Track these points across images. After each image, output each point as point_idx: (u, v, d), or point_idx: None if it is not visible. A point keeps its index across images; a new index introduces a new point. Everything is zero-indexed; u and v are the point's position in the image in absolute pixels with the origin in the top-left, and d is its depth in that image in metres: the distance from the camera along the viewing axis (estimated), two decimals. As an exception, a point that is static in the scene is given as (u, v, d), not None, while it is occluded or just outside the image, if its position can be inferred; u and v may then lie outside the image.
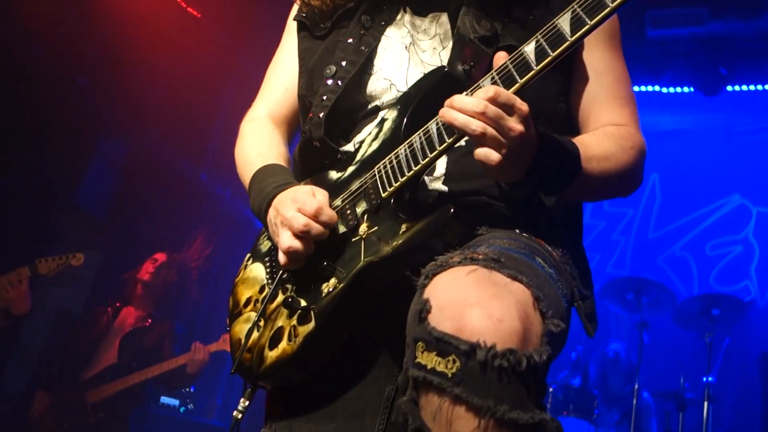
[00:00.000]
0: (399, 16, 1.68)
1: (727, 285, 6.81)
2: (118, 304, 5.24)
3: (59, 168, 5.45)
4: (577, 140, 1.45)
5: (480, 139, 1.23)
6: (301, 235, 1.42)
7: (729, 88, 6.25)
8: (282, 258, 1.46)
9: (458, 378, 1.01)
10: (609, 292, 5.62)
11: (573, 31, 1.24)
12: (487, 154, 1.24)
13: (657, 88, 6.50)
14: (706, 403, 4.78)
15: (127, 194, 6.18)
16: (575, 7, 1.25)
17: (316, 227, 1.42)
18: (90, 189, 5.94)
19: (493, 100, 1.21)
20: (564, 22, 1.26)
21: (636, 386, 4.93)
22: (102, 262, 5.99)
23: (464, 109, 1.23)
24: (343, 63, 1.63)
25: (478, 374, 1.01)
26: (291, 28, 1.84)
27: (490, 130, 1.21)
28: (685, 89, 6.45)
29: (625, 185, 1.58)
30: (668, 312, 5.55)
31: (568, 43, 1.24)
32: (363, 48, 1.64)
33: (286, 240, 1.43)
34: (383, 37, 1.66)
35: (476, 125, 1.22)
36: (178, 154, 6.46)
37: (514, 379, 1.01)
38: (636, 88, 6.57)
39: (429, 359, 1.05)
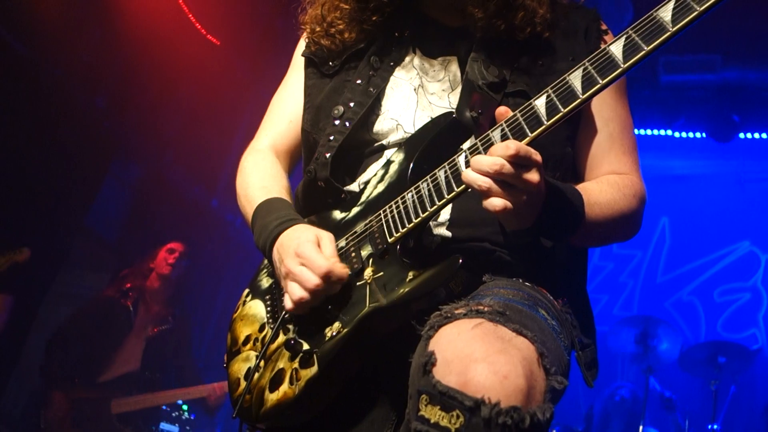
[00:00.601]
0: (408, 58, 1.70)
1: (735, 332, 6.75)
2: (134, 298, 4.93)
3: (72, 188, 5.50)
4: (581, 188, 1.47)
5: (486, 194, 1.25)
6: (313, 292, 1.40)
7: (741, 135, 6.28)
8: (290, 305, 1.45)
9: None
10: (617, 334, 5.59)
11: (584, 90, 1.26)
12: (494, 203, 1.25)
13: (670, 132, 6.53)
14: (711, 452, 4.71)
15: (138, 217, 6.22)
16: (587, 64, 1.27)
17: (326, 288, 1.41)
18: (102, 211, 5.98)
19: (515, 156, 1.22)
20: (575, 78, 1.27)
21: (640, 431, 4.87)
22: (109, 284, 6.01)
23: (480, 169, 1.24)
24: (351, 104, 1.65)
25: (482, 431, 1.01)
26: (298, 63, 1.87)
27: (501, 186, 1.23)
28: (698, 135, 6.48)
29: (626, 231, 1.60)
30: (675, 356, 5.50)
31: (579, 101, 1.26)
32: (371, 89, 1.65)
33: (297, 291, 1.41)
34: (392, 78, 1.67)
35: (483, 181, 1.24)
36: (191, 180, 6.52)
37: None
38: (649, 132, 6.60)
39: (432, 413, 1.04)
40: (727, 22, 5.13)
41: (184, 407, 5.73)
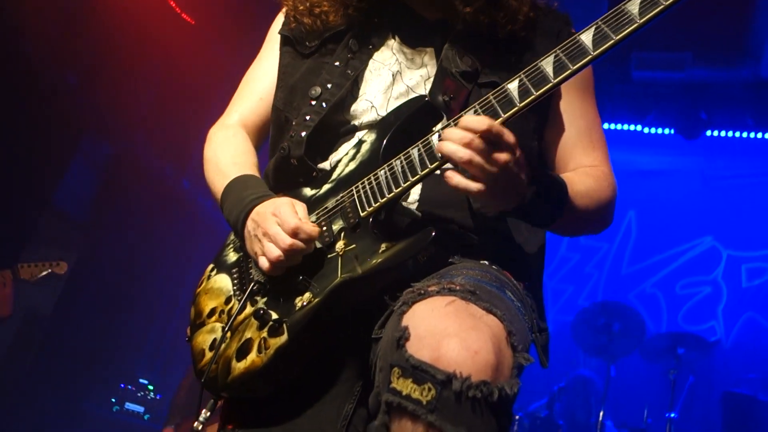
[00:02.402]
0: (387, 45, 1.72)
1: (694, 324, 6.94)
2: None
3: (40, 166, 5.41)
4: (563, 177, 1.51)
5: (467, 167, 1.27)
6: (287, 251, 1.43)
7: (708, 132, 6.41)
8: (266, 265, 1.46)
9: (432, 406, 1.04)
10: (581, 320, 5.71)
11: (555, 74, 1.31)
12: (467, 183, 1.28)
13: (639, 128, 6.64)
14: (667, 439, 4.85)
15: (107, 197, 6.15)
16: (558, 51, 1.32)
17: (299, 245, 1.43)
18: (70, 189, 5.90)
19: (487, 131, 1.24)
20: (547, 64, 1.32)
21: (600, 417, 4.98)
22: (74, 265, 5.93)
23: (452, 138, 1.27)
24: (329, 85, 1.66)
25: (453, 403, 1.03)
26: (273, 39, 1.87)
27: (477, 159, 1.25)
28: (666, 131, 6.60)
29: (602, 221, 1.65)
30: (636, 345, 5.64)
31: (550, 84, 1.31)
32: (349, 72, 1.68)
33: (274, 251, 1.44)
34: (370, 61, 1.70)
35: (463, 153, 1.25)
36: (162, 160, 6.45)
37: (486, 410, 1.05)
38: (619, 127, 6.71)
39: (404, 385, 1.07)
40: (697, 21, 5.24)
41: (150, 387, 5.72)
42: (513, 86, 1.34)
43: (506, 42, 1.65)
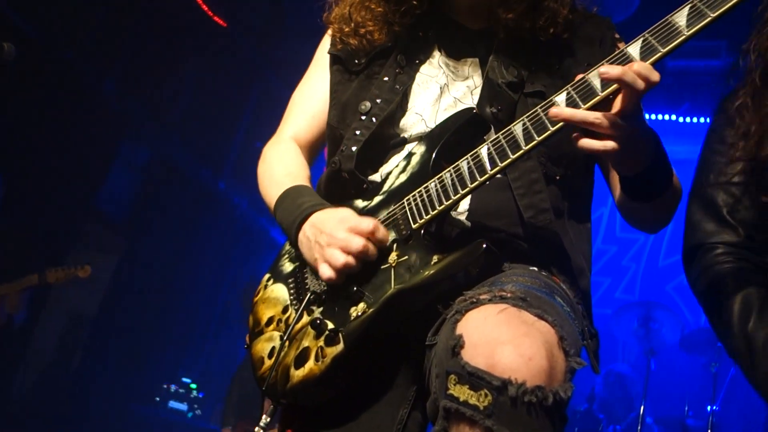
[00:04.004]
0: (433, 58, 1.75)
1: (736, 316, 6.81)
2: None
3: (82, 170, 5.55)
4: None
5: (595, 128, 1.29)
6: (358, 254, 1.45)
7: (744, 120, 6.29)
8: (328, 273, 1.48)
9: (489, 411, 1.07)
10: (620, 317, 5.68)
11: (603, 88, 1.32)
12: (602, 144, 1.30)
13: (674, 117, 6.57)
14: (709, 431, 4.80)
15: (146, 199, 6.28)
16: (606, 64, 1.32)
17: (372, 248, 1.46)
18: (111, 192, 6.04)
19: (638, 73, 1.25)
20: (594, 77, 1.33)
21: (641, 411, 4.96)
22: (117, 266, 6.08)
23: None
24: (378, 100, 1.69)
25: (509, 408, 1.06)
26: (322, 59, 1.90)
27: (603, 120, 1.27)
28: (702, 119, 6.51)
29: (667, 219, 1.66)
30: (676, 339, 5.59)
31: (597, 98, 1.32)
32: (398, 86, 1.71)
33: (340, 257, 1.46)
34: (417, 75, 1.73)
35: (594, 117, 1.28)
36: (199, 162, 6.57)
37: (541, 414, 1.08)
38: (653, 117, 6.64)
39: (461, 392, 1.10)
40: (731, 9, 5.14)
41: (193, 386, 5.84)
42: (561, 99, 1.35)
43: (550, 47, 1.66)
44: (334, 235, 1.48)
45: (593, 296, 1.72)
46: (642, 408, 4.96)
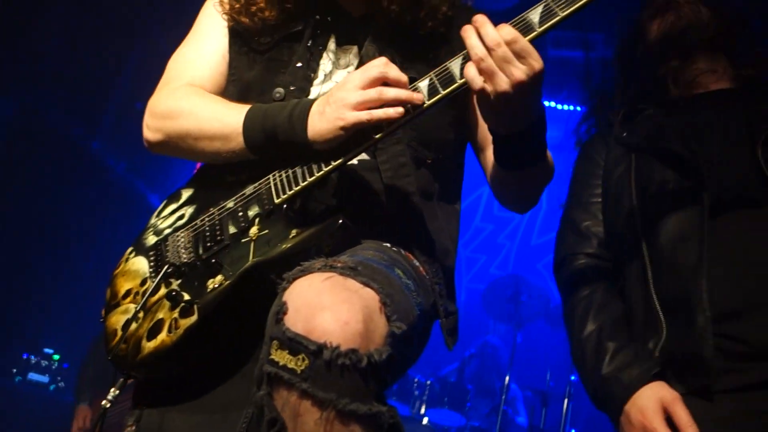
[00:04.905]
0: (330, 44, 1.75)
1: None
2: None
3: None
4: None
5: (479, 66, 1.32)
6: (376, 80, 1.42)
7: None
8: (364, 117, 1.41)
9: (306, 374, 1.11)
10: (492, 290, 5.97)
11: (461, 76, 1.39)
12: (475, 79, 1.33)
13: (553, 104, 6.89)
14: (566, 400, 5.16)
15: (9, 157, 5.82)
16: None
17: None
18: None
19: (511, 43, 1.30)
20: (455, 66, 1.41)
21: (506, 381, 5.25)
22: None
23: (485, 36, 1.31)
24: (292, 87, 1.67)
25: (324, 371, 1.10)
26: (215, 25, 1.81)
27: (489, 63, 1.31)
28: (578, 108, 6.87)
29: (536, 195, 1.76)
30: (542, 313, 5.95)
31: (456, 85, 1.39)
32: (311, 74, 1.70)
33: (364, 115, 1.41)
34: (320, 62, 1.73)
35: (481, 52, 1.31)
36: (70, 119, 6.14)
37: (355, 376, 1.11)
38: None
39: (281, 356, 1.13)
40: (611, 7, 5.44)
41: (55, 357, 5.55)
42: (423, 84, 1.42)
43: (425, 38, 1.71)
44: (352, 96, 1.42)
45: (469, 272, 1.80)
46: (507, 378, 5.26)
